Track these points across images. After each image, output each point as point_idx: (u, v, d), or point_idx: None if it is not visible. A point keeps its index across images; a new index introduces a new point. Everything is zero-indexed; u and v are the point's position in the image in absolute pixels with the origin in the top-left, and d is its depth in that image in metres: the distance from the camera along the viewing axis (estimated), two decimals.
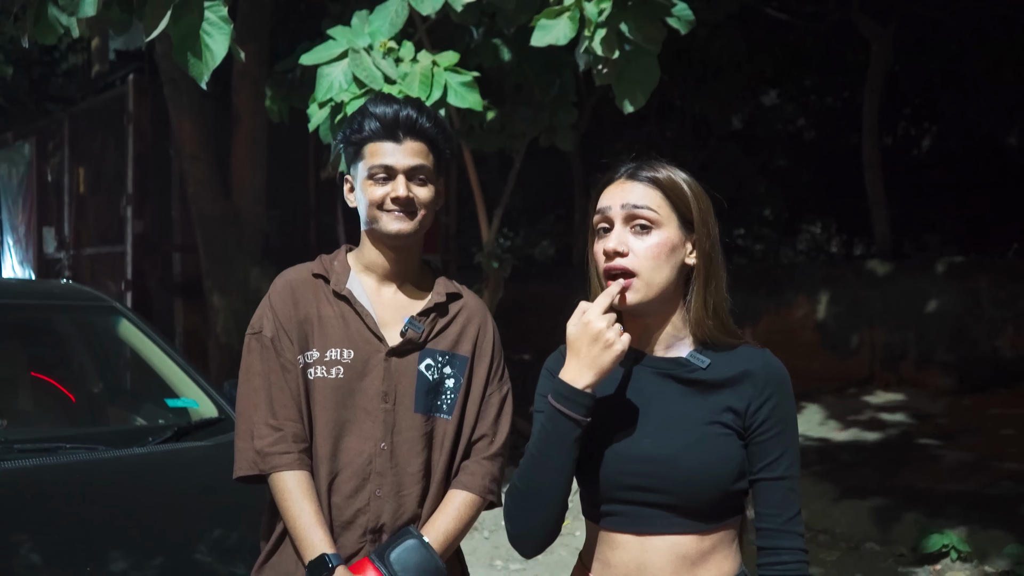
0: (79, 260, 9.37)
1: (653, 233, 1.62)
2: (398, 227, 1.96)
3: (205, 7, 3.22)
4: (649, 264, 1.61)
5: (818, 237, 15.70)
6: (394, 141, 1.97)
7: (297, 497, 1.91)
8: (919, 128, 14.15)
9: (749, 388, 1.61)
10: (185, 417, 3.48)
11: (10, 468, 2.83)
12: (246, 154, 7.13)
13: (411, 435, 1.96)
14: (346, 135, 2.05)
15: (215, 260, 7.14)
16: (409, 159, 1.97)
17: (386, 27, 3.92)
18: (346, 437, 1.95)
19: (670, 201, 1.63)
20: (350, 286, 2.01)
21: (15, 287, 4.94)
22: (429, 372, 1.98)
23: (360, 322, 1.98)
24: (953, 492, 5.86)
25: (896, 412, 8.31)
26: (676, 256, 1.63)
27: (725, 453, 1.59)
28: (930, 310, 9.20)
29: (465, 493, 2.00)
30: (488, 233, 6.42)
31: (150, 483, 3.00)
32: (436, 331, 2.01)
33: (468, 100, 3.83)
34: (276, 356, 1.97)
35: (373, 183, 1.97)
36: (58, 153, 9.78)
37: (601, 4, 3.54)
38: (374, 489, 1.94)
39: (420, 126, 1.98)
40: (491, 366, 2.07)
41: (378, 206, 1.96)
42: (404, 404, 1.96)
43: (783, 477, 1.61)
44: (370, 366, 1.96)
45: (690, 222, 1.64)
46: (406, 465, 1.96)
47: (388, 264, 2.03)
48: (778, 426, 1.61)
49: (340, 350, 1.96)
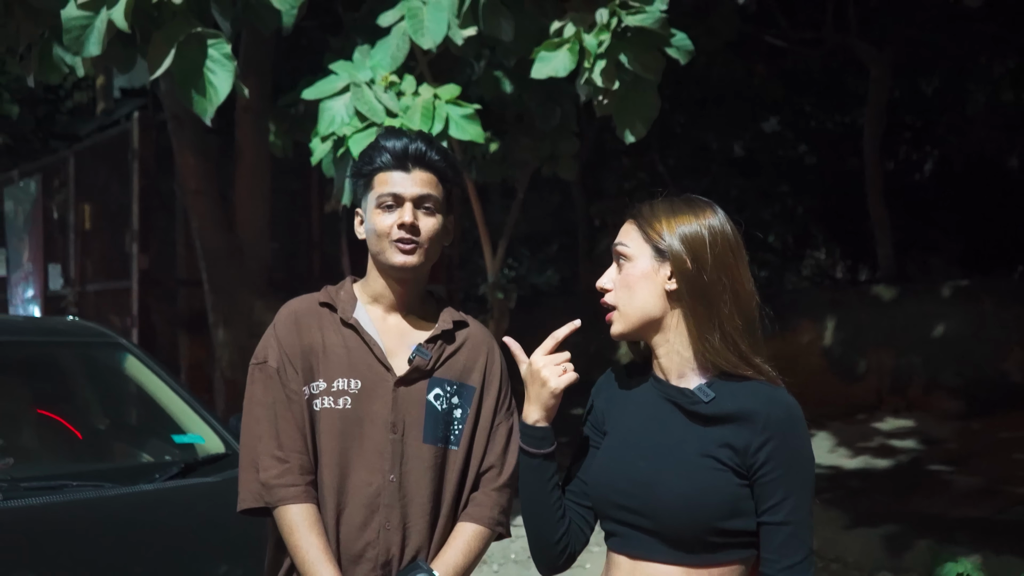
0: (84, 296, 9.39)
1: (625, 266, 1.71)
2: (403, 260, 1.97)
3: (208, 45, 3.25)
4: (622, 295, 1.71)
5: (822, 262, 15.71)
6: (403, 171, 1.99)
7: (304, 531, 1.90)
8: (920, 152, 14.19)
9: (749, 428, 1.60)
10: (191, 453, 3.47)
11: (17, 507, 2.82)
12: (249, 188, 7.16)
13: (419, 466, 1.95)
14: (357, 168, 2.07)
15: (219, 294, 7.14)
16: (417, 188, 1.98)
17: (387, 61, 3.95)
18: (354, 468, 1.93)
19: (643, 232, 1.69)
20: (357, 315, 2.01)
21: (21, 324, 4.94)
22: (438, 402, 1.98)
23: (367, 351, 1.97)
24: (965, 518, 5.82)
25: (905, 437, 8.27)
26: (649, 283, 1.68)
27: (712, 487, 1.58)
28: (936, 334, 9.17)
29: (474, 525, 1.99)
30: (492, 263, 6.43)
31: (157, 520, 2.99)
32: (443, 359, 2.01)
33: (469, 132, 3.85)
34: (281, 387, 1.96)
35: (381, 211, 1.98)
36: (63, 190, 9.84)
37: (600, 36, 3.57)
38: (383, 521, 1.92)
39: (429, 158, 2.00)
40: (499, 396, 2.06)
41: (385, 236, 1.97)
42: (412, 434, 1.95)
43: (784, 522, 1.57)
44: (377, 395, 1.95)
45: (661, 251, 1.67)
46: (415, 496, 1.94)
47: (394, 295, 2.03)
48: (779, 469, 1.58)
49: (347, 380, 1.95)
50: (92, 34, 3.25)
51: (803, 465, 1.60)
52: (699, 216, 1.69)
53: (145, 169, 8.15)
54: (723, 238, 1.68)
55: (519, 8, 4.20)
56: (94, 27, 3.24)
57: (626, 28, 3.62)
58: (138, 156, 8.12)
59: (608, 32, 3.60)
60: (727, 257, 1.67)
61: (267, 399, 1.97)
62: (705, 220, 1.69)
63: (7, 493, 2.85)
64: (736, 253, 1.68)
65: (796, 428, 1.61)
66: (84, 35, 3.25)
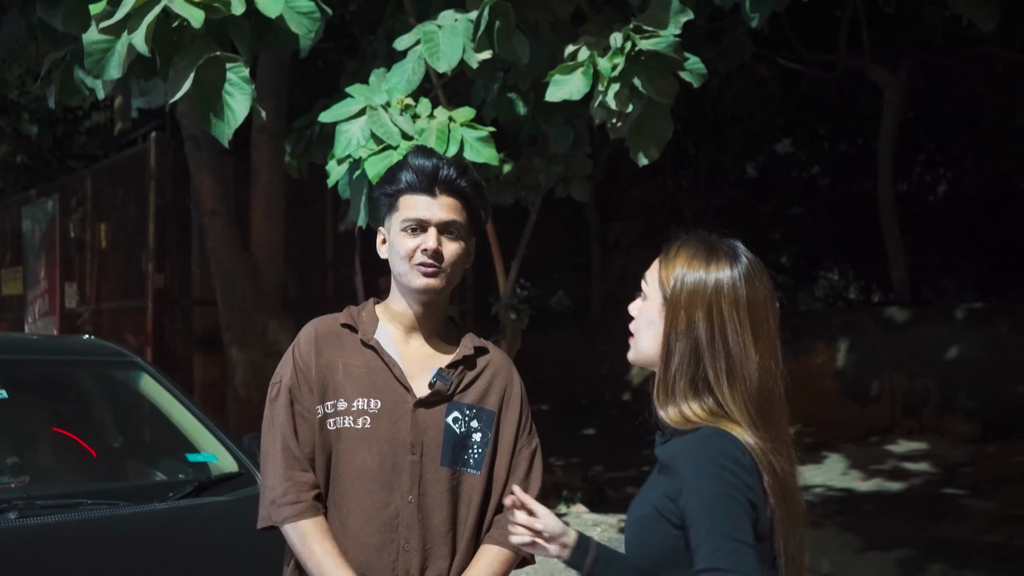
0: (100, 315, 9.45)
1: (644, 302, 1.71)
2: (425, 283, 1.98)
3: (227, 68, 3.29)
4: (640, 329, 1.70)
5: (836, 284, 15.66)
6: (429, 195, 2.00)
7: (317, 539, 1.92)
8: (934, 174, 14.16)
9: (673, 474, 1.55)
10: (205, 472, 3.49)
11: (33, 525, 2.84)
12: (265, 209, 7.22)
13: (438, 488, 1.96)
14: (382, 186, 2.08)
15: (234, 313, 7.19)
16: (443, 213, 2.00)
17: (403, 84, 3.99)
18: (372, 488, 1.94)
19: (659, 275, 1.67)
20: (378, 336, 2.03)
21: (37, 343, 4.99)
22: (456, 425, 1.99)
23: (388, 372, 1.99)
24: (980, 543, 5.78)
25: (919, 461, 8.22)
26: (654, 328, 1.66)
27: (648, 534, 1.56)
28: (951, 356, 9.13)
29: (497, 548, 2.00)
30: (505, 284, 6.45)
31: (170, 538, 3.00)
32: (464, 384, 2.02)
33: (484, 155, 3.88)
34: (291, 406, 1.99)
35: (405, 235, 2.00)
36: (80, 209, 9.92)
37: (614, 59, 3.60)
38: (402, 542, 1.93)
39: (457, 184, 2.02)
40: (520, 421, 2.07)
41: (408, 259, 1.98)
42: (431, 456, 1.96)
43: (703, 571, 1.47)
44: (397, 416, 1.96)
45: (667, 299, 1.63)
46: (433, 519, 1.95)
47: (415, 317, 2.05)
48: (690, 515, 1.49)
49: (367, 400, 1.97)
50: (113, 58, 3.30)
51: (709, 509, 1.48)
52: (711, 268, 1.61)
53: (161, 189, 8.22)
54: (730, 298, 1.58)
55: (534, 32, 4.25)
56: (115, 51, 3.28)
57: (640, 52, 3.65)
58: (155, 176, 8.20)
59: (622, 56, 3.63)
60: (731, 320, 1.58)
61: (279, 419, 1.99)
62: (715, 274, 1.60)
63: (23, 511, 2.87)
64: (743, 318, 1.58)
65: (701, 470, 1.51)
66: (105, 59, 3.29)
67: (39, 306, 10.65)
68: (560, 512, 7.11)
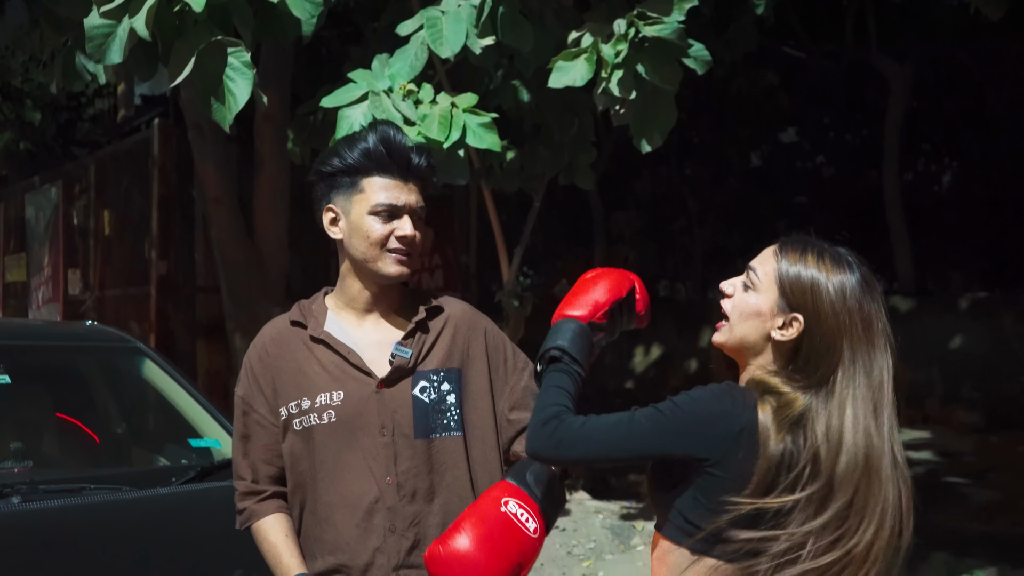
0: (103, 302, 9.46)
1: (750, 293, 1.68)
2: (399, 270, 1.96)
3: (228, 53, 3.28)
4: (736, 316, 1.69)
5: None
6: (401, 180, 1.96)
7: (264, 534, 1.97)
8: (940, 165, 14.14)
9: None
10: (208, 458, 3.49)
11: (36, 509, 2.84)
12: (269, 198, 7.21)
13: (415, 463, 1.93)
14: (340, 161, 1.99)
15: (237, 302, 7.19)
16: (414, 198, 1.98)
17: (406, 70, 3.98)
18: (349, 479, 1.93)
19: (779, 272, 1.66)
20: (328, 328, 1.99)
21: (41, 329, 4.99)
22: (424, 394, 1.95)
23: (343, 361, 1.96)
24: (982, 532, 5.78)
25: (922, 450, 8.22)
26: (759, 322, 1.65)
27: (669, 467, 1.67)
28: (955, 347, 9.12)
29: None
30: (508, 272, 6.44)
31: (173, 523, 3.01)
32: (425, 351, 1.98)
33: (487, 141, 3.87)
34: (246, 415, 2.01)
35: (376, 219, 1.95)
36: (84, 196, 9.93)
37: (618, 46, 3.59)
38: (388, 525, 1.91)
39: (426, 170, 2.00)
40: (489, 365, 2.03)
41: (379, 245, 1.94)
42: (402, 433, 1.93)
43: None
44: (363, 402, 1.93)
45: (791, 305, 1.63)
46: (416, 495, 1.93)
47: (371, 297, 2.01)
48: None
49: (329, 394, 1.94)
50: (114, 42, 3.30)
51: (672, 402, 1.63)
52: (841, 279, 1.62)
53: (165, 177, 8.22)
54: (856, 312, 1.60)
55: (537, 18, 4.23)
56: (116, 35, 3.28)
57: (644, 39, 3.64)
58: (158, 164, 8.19)
59: (626, 43, 3.62)
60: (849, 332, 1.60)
61: (236, 429, 2.03)
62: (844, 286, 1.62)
63: (26, 496, 2.88)
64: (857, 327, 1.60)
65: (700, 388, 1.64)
66: (106, 43, 3.29)
67: (43, 293, 10.67)
68: None
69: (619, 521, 6.48)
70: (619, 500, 7.05)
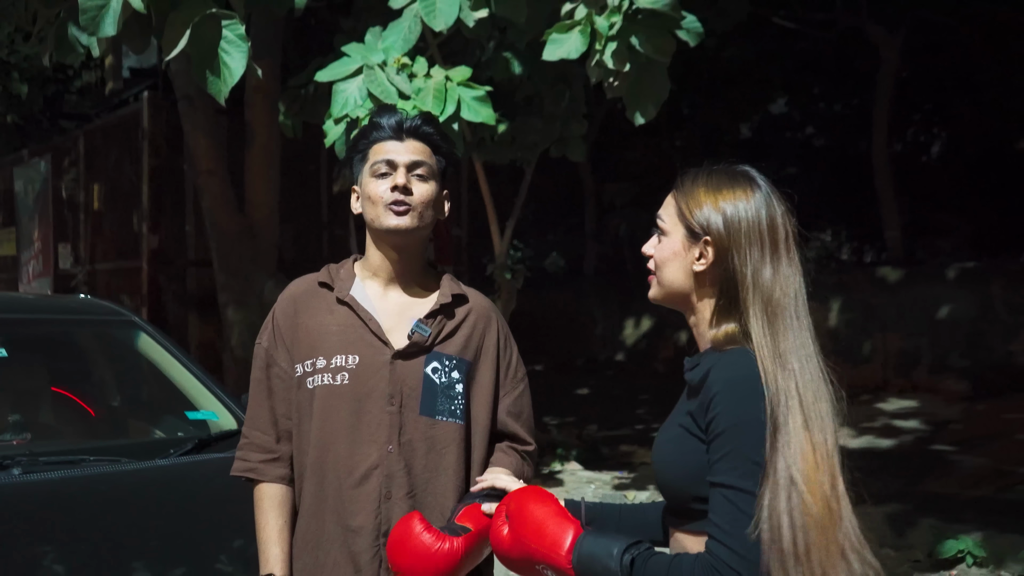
0: (95, 275, 9.45)
1: (663, 239, 1.71)
2: (396, 222, 1.99)
3: (223, 26, 3.28)
4: (660, 266, 1.71)
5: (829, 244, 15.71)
6: (397, 140, 2.04)
7: (261, 509, 2.03)
8: (929, 134, 14.17)
9: (703, 390, 1.59)
10: (205, 429, 3.52)
11: (36, 480, 2.87)
12: (260, 169, 7.20)
13: (417, 437, 1.99)
14: (354, 147, 2.12)
15: (230, 274, 7.20)
16: (410, 155, 2.03)
17: (399, 43, 3.97)
18: (353, 442, 1.98)
19: (678, 209, 1.68)
20: (353, 292, 2.05)
21: (36, 302, 4.99)
22: (436, 375, 2.01)
23: (364, 327, 2.01)
24: (969, 498, 5.86)
25: (910, 418, 8.31)
26: (679, 261, 1.67)
27: (680, 455, 1.60)
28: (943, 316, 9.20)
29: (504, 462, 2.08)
30: (500, 244, 6.46)
31: (172, 494, 3.04)
32: (443, 334, 2.04)
33: (481, 114, 3.88)
34: (267, 366, 2.06)
35: (375, 179, 2.02)
36: (73, 170, 9.89)
37: (612, 18, 3.59)
38: (383, 492, 1.96)
39: (423, 130, 2.06)
40: (498, 366, 2.10)
41: (380, 201, 2.01)
42: (410, 407, 1.98)
43: (717, 483, 1.53)
44: (375, 370, 1.99)
45: (695, 231, 1.65)
46: (413, 467, 1.98)
47: (392, 266, 2.06)
48: (717, 429, 1.54)
49: (345, 356, 1.99)
50: (108, 15, 3.29)
51: (737, 429, 1.53)
52: (737, 197, 1.65)
53: (155, 149, 8.20)
54: (756, 225, 1.63)
55: None
56: (110, 7, 3.27)
57: (637, 10, 3.64)
58: (148, 136, 8.16)
59: (619, 14, 3.62)
60: (755, 245, 1.62)
61: (257, 379, 2.08)
62: (741, 202, 1.64)
63: (26, 467, 2.90)
64: (765, 242, 1.62)
65: (731, 391, 1.55)
66: (100, 15, 3.28)
67: (33, 267, 10.64)
68: (555, 470, 7.19)
69: (611, 491, 6.55)
70: (611, 471, 7.13)
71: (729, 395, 1.55)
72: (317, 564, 1.99)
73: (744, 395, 1.54)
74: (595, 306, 13.53)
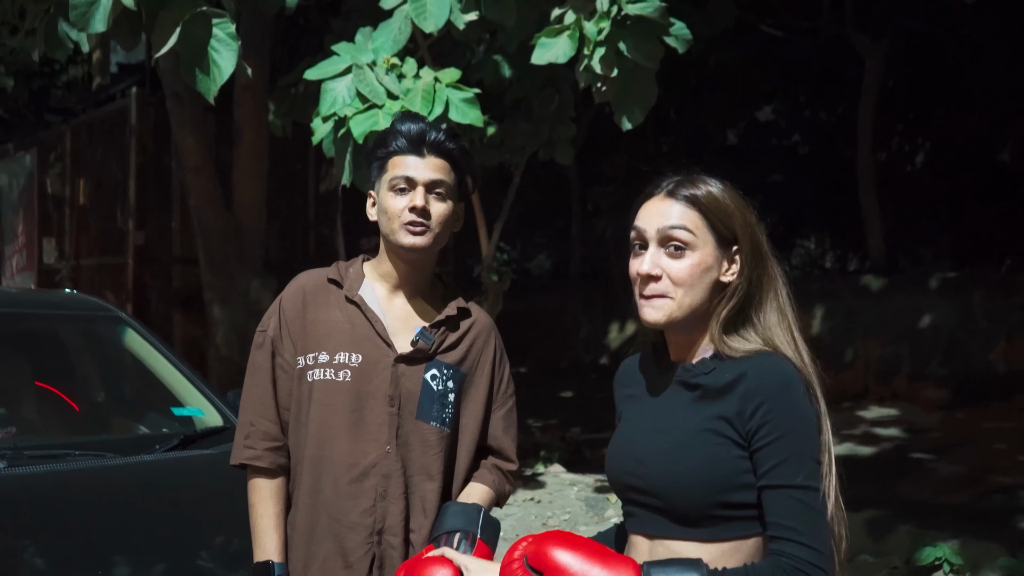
0: (79, 271, 9.42)
1: (687, 255, 1.59)
2: (412, 241, 2.02)
3: (213, 24, 3.29)
4: (682, 288, 1.60)
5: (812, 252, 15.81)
6: (417, 155, 2.04)
7: (260, 497, 2.04)
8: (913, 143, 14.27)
9: (739, 394, 1.56)
10: (191, 426, 3.53)
11: (22, 474, 2.87)
12: (247, 167, 7.20)
13: (415, 440, 2.02)
14: (373, 151, 2.12)
15: (215, 272, 7.20)
16: (430, 173, 2.03)
17: (389, 44, 3.99)
18: (351, 439, 2.00)
19: (707, 220, 1.60)
20: (362, 293, 2.08)
21: (20, 297, 4.97)
22: (434, 382, 2.04)
23: (370, 327, 2.04)
24: (946, 505, 5.92)
25: (890, 426, 8.37)
26: (710, 276, 1.60)
27: (709, 461, 1.55)
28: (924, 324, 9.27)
29: (481, 486, 2.10)
30: (487, 247, 6.48)
31: (157, 489, 3.05)
32: (445, 345, 2.07)
33: (469, 116, 3.90)
34: (271, 356, 2.07)
35: (393, 194, 2.03)
36: (59, 164, 9.85)
37: (600, 23, 3.62)
38: (380, 491, 1.99)
39: (445, 146, 2.05)
40: (492, 382, 2.13)
41: (397, 218, 2.02)
42: (408, 410, 2.02)
43: (782, 486, 1.51)
44: (377, 370, 2.02)
45: (728, 240, 1.61)
46: (409, 469, 2.02)
47: (401, 275, 2.09)
48: (774, 433, 1.53)
49: (348, 354, 2.02)
50: (98, 11, 3.29)
51: (798, 429, 1.54)
52: (745, 203, 1.64)
53: (143, 146, 8.19)
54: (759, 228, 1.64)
55: None
56: (100, 4, 3.27)
57: (626, 16, 3.67)
58: (136, 133, 8.15)
59: (608, 20, 3.65)
60: (766, 248, 1.64)
61: (259, 366, 2.08)
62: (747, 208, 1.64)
63: (11, 461, 2.91)
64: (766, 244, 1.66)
65: (786, 392, 1.55)
66: (90, 12, 3.29)
67: (17, 261, 10.60)
68: (538, 472, 7.21)
69: (593, 493, 6.58)
70: (593, 473, 7.16)
71: (781, 399, 1.54)
72: (309, 556, 2.01)
73: (796, 399, 1.56)
74: (580, 309, 13.57)
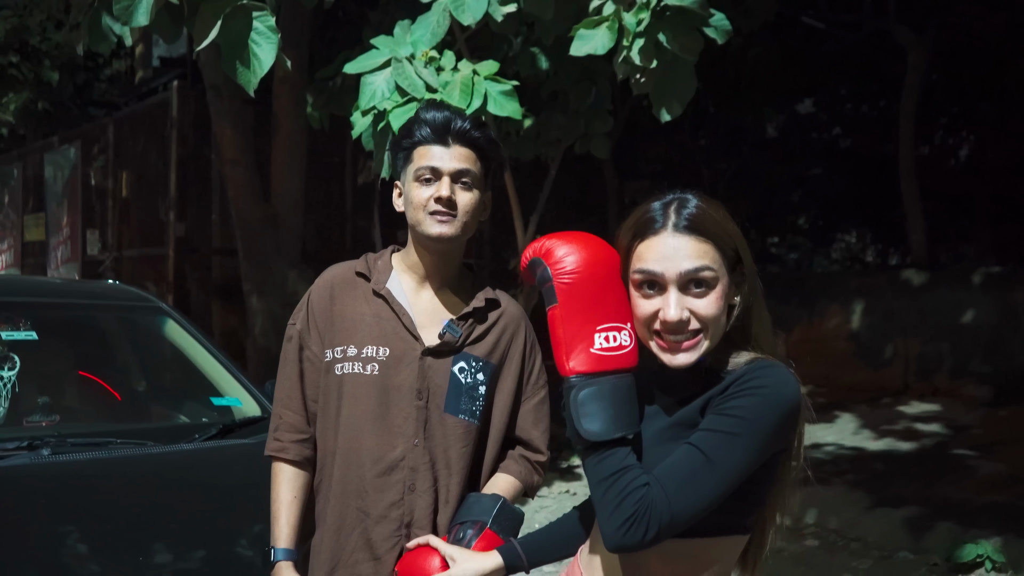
0: (121, 262, 9.56)
1: (712, 291, 1.55)
2: (439, 230, 2.02)
3: (253, 17, 3.32)
4: (713, 323, 1.56)
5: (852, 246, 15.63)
6: (443, 145, 2.03)
7: (277, 484, 2.09)
8: (956, 138, 14.05)
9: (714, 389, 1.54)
10: (229, 415, 3.57)
11: (64, 461, 2.93)
12: (285, 160, 7.27)
13: (442, 433, 2.03)
14: (398, 141, 2.12)
15: (254, 263, 7.27)
16: (455, 163, 2.03)
17: (427, 37, 4.00)
18: (378, 432, 2.01)
19: (719, 249, 1.55)
20: (389, 286, 2.08)
21: (65, 287, 5.07)
22: (462, 375, 2.04)
23: (397, 321, 2.05)
24: (988, 503, 5.83)
25: (931, 422, 8.26)
26: (724, 303, 1.57)
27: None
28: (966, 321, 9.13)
29: (507, 477, 2.11)
30: (524, 239, 6.48)
31: (196, 478, 3.09)
32: (473, 337, 2.07)
33: (508, 109, 3.90)
34: (300, 349, 2.10)
35: (419, 184, 2.03)
36: (102, 157, 10.00)
37: (640, 14, 3.60)
38: (407, 483, 2.00)
39: (470, 135, 2.05)
40: (522, 373, 2.13)
41: (422, 208, 2.02)
42: (436, 403, 2.02)
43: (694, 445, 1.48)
44: (405, 363, 2.02)
45: (733, 261, 1.58)
46: (437, 462, 2.02)
47: (429, 267, 2.09)
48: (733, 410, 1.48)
49: (376, 347, 2.03)
50: (141, 4, 3.34)
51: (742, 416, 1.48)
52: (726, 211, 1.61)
53: (183, 138, 8.28)
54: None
55: None
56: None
57: (665, 7, 3.64)
58: (176, 125, 8.25)
59: (647, 11, 3.63)
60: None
61: (289, 359, 2.12)
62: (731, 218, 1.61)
63: (55, 448, 2.97)
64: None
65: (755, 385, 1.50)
66: (133, 5, 3.33)
67: (61, 252, 10.77)
68: (573, 464, 7.21)
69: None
70: None
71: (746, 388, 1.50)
72: (338, 547, 2.03)
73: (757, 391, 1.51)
74: None
